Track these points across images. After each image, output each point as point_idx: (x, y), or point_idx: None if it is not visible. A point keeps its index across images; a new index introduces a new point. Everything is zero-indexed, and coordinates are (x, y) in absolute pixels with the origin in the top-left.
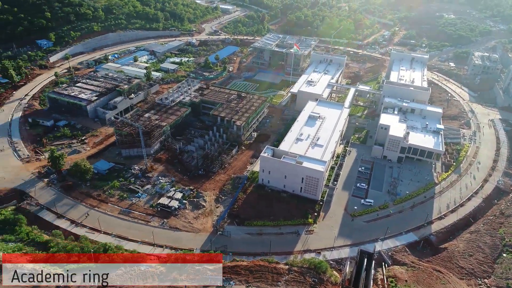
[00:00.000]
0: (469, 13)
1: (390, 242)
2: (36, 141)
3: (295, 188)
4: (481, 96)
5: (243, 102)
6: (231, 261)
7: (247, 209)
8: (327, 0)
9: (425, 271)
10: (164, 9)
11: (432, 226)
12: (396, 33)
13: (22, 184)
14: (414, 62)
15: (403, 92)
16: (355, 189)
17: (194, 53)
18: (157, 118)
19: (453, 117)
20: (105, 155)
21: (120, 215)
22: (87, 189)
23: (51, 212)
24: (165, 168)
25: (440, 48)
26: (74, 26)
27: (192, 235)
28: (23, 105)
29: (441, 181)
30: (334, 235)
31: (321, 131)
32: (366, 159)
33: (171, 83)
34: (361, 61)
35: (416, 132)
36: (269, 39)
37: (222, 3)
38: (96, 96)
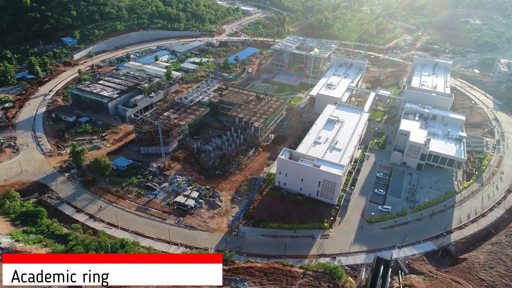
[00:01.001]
0: (495, 18)
1: (408, 250)
2: (58, 136)
3: (312, 192)
4: (507, 104)
5: (262, 103)
6: (245, 262)
7: (262, 210)
8: (349, 3)
9: (443, 281)
10: (186, 10)
11: (451, 235)
12: (419, 38)
13: (44, 178)
14: (437, 67)
15: (425, 98)
16: (373, 195)
17: (214, 54)
18: (176, 117)
19: (476, 125)
20: (124, 152)
21: (137, 211)
22: (106, 184)
23: (70, 206)
24: (182, 167)
25: (465, 54)
26: (98, 24)
27: (207, 234)
28: (47, 100)
29: (462, 190)
30: (350, 240)
31: (340, 135)
32: (384, 164)
33: (190, 82)
34: (382, 66)
35: (437, 139)
36: (289, 41)
37: (243, 5)
38: (117, 93)
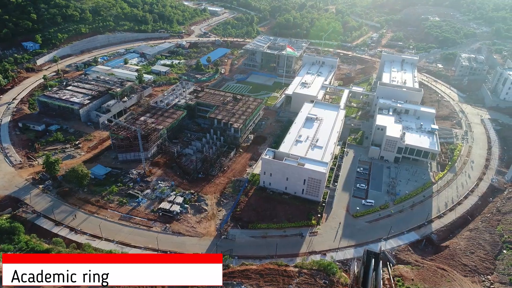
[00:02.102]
0: (453, 15)
1: (393, 241)
2: (28, 146)
3: (297, 190)
4: (470, 97)
5: (239, 104)
6: (240, 265)
7: (249, 212)
8: (315, 2)
9: (429, 269)
10: (153, 11)
11: (432, 224)
12: (384, 35)
13: (16, 191)
14: (404, 63)
15: (396, 94)
16: (356, 190)
17: (184, 55)
18: (153, 122)
19: (445, 117)
20: (100, 160)
21: (121, 221)
22: (84, 195)
23: (48, 219)
24: (164, 172)
25: (428, 50)
26: (61, 28)
27: (196, 239)
28: (11, 109)
29: (438, 180)
30: (338, 236)
31: (320, 132)
32: (363, 159)
33: (163, 85)
34: (352, 63)
35: (411, 132)
36: (260, 41)
37: (210, 5)
38: (89, 99)
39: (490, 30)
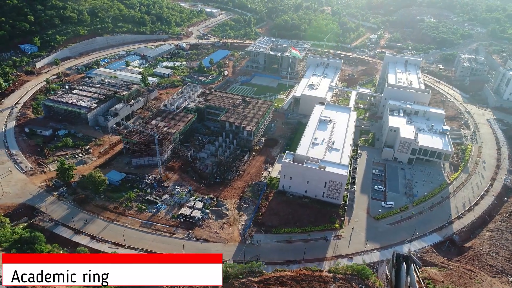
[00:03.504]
0: (447, 16)
1: (417, 243)
2: (36, 152)
3: (317, 193)
4: (473, 97)
5: (249, 107)
6: (273, 272)
7: (271, 216)
8: (310, 3)
9: (457, 271)
10: (150, 13)
11: (453, 225)
12: (382, 37)
13: (30, 199)
14: (407, 64)
15: (404, 95)
16: (374, 192)
17: (185, 57)
18: (165, 125)
19: (451, 118)
20: (113, 165)
21: (142, 227)
22: (102, 201)
23: (67, 227)
24: (180, 176)
25: (427, 51)
26: (59, 30)
27: (221, 245)
28: (15, 113)
29: (453, 181)
30: (363, 239)
31: (334, 134)
32: (377, 161)
33: (167, 88)
34: (353, 64)
35: (423, 133)
36: (262, 43)
37: (206, 6)
38: (96, 103)
39: (486, 31)
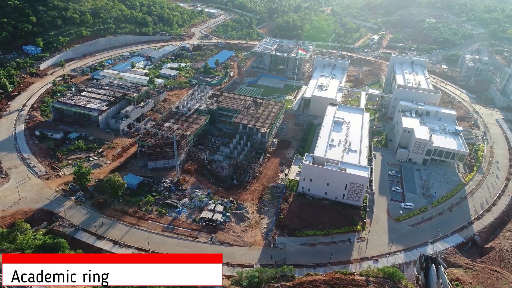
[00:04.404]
0: (447, 17)
1: (440, 244)
2: (49, 155)
3: (338, 195)
4: (479, 97)
5: (261, 108)
6: (306, 276)
7: (293, 219)
8: (310, 4)
9: (483, 272)
10: (151, 13)
11: (473, 226)
12: (384, 37)
13: (48, 204)
14: (414, 65)
15: (414, 95)
16: (394, 193)
17: (189, 58)
18: (179, 127)
19: (461, 118)
20: (128, 168)
21: (164, 232)
22: (121, 206)
23: (88, 233)
24: (197, 179)
25: (430, 51)
26: (62, 31)
27: (245, 249)
28: (23, 116)
29: (469, 182)
30: (386, 241)
31: (350, 136)
32: (392, 162)
33: (174, 89)
34: (358, 65)
35: (436, 134)
36: (267, 44)
37: (205, 7)
38: (106, 105)
39: (486, 31)
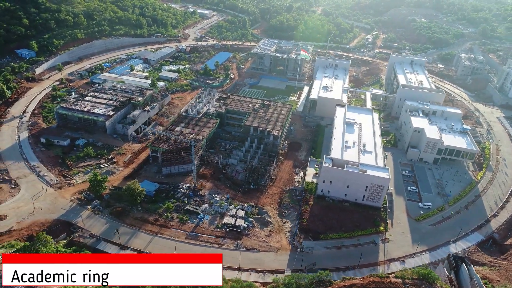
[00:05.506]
0: (436, 16)
1: (462, 243)
2: (58, 163)
3: (358, 197)
4: (478, 96)
5: (270, 110)
6: (342, 280)
7: (316, 222)
8: (301, 4)
9: (508, 269)
10: (145, 15)
11: (490, 224)
12: (378, 37)
13: (64, 214)
14: (413, 65)
15: (418, 95)
16: (410, 193)
17: (188, 60)
18: (191, 132)
19: (463, 117)
20: (142, 175)
21: (188, 239)
22: (140, 214)
23: (111, 243)
24: (213, 184)
25: (424, 51)
26: (56, 33)
27: (273, 254)
28: (25, 123)
29: (480, 180)
30: (410, 241)
31: (363, 137)
32: (404, 162)
33: (176, 92)
34: (356, 65)
35: (445, 133)
36: (266, 45)
37: (197, 8)
38: (112, 110)
39: (477, 30)
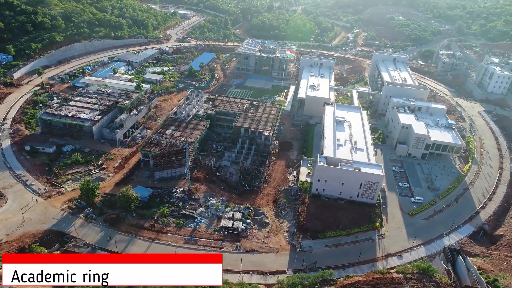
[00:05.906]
0: (413, 14)
1: (455, 235)
2: (45, 171)
3: (352, 194)
4: (458, 91)
5: (259, 111)
6: (345, 278)
7: (313, 221)
8: (281, 3)
9: (500, 259)
10: (124, 16)
11: (480, 215)
12: (359, 35)
13: (56, 224)
14: (396, 62)
15: (403, 92)
16: (403, 189)
17: (171, 62)
18: (181, 134)
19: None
20: (134, 180)
21: (187, 244)
22: (135, 220)
23: (107, 251)
24: (208, 187)
25: (404, 48)
26: (33, 36)
27: (273, 255)
28: (7, 130)
29: (467, 173)
30: (405, 236)
31: (354, 135)
32: (393, 158)
33: (162, 94)
34: (339, 63)
35: (431, 128)
36: (250, 45)
37: (177, 8)
38: (99, 114)
39: (453, 27)
